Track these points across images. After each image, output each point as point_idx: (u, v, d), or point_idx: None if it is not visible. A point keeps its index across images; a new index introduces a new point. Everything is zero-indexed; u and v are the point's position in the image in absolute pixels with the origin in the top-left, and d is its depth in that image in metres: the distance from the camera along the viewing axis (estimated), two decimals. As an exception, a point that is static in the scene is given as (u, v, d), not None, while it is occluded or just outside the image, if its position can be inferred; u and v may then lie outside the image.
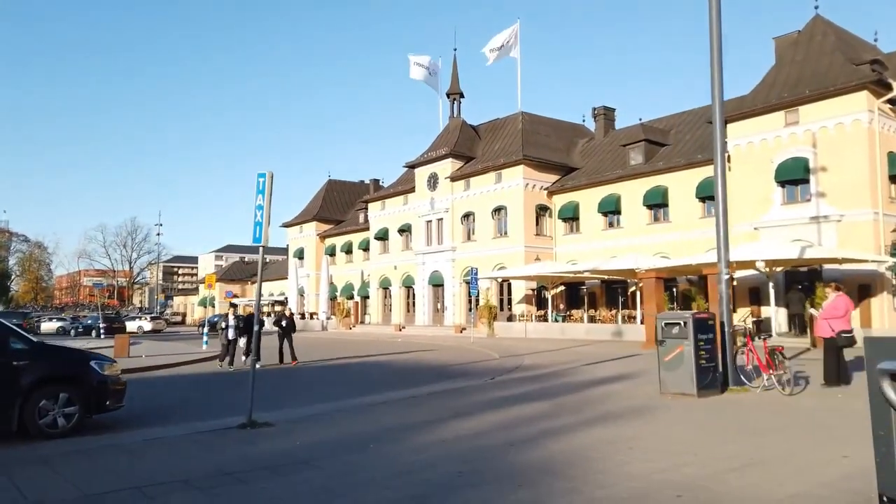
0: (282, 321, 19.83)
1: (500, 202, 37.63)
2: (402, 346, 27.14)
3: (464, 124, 42.96)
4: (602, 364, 16.26)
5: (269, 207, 7.98)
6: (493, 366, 16.78)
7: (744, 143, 27.89)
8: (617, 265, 26.75)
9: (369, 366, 18.88)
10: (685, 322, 9.86)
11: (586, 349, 22.38)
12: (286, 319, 19.76)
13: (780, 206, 26.76)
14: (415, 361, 19.51)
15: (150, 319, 48.34)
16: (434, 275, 41.93)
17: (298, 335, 19.49)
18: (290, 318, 20.08)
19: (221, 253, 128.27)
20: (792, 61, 28.04)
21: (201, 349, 25.15)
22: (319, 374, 16.74)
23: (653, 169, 32.33)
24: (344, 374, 16.30)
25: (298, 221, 59.03)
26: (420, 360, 20.12)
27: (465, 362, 18.51)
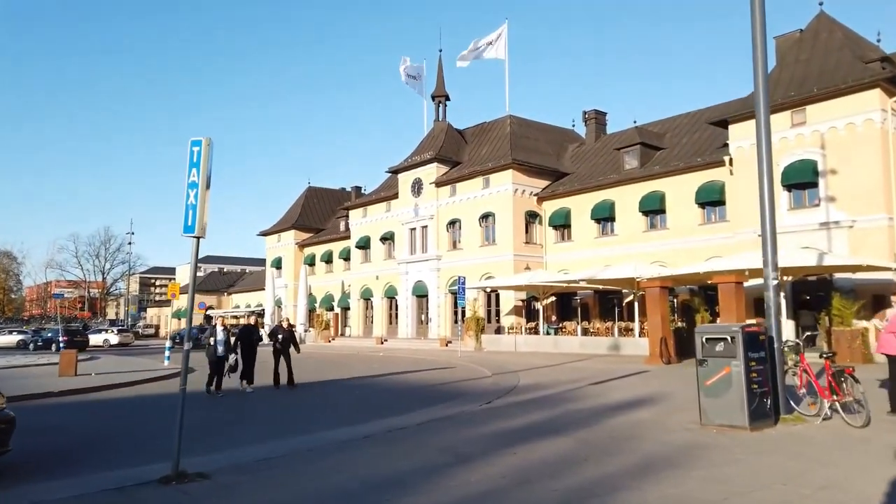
0: (278, 334, 16.48)
1: (487, 208, 35.83)
2: (384, 361, 25.09)
3: (449, 128, 41.21)
4: (610, 384, 14.39)
5: (206, 185, 6.01)
6: (487, 386, 14.84)
7: (747, 144, 26.32)
8: (615, 274, 25.00)
9: (347, 386, 16.84)
10: (733, 337, 8.01)
11: (585, 365, 20.52)
12: (284, 332, 16.47)
13: (786, 211, 25.18)
14: (398, 380, 17.49)
15: (116, 332, 45.68)
16: (418, 285, 39.95)
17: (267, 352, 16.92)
18: (290, 330, 16.79)
19: (200, 264, 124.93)
20: (797, 60, 26.63)
21: (163, 365, 22.96)
22: (287, 397, 14.67)
23: (649, 173, 30.73)
24: (317, 396, 14.26)
25: (276, 230, 56.79)
26: (404, 377, 18.11)
27: (455, 381, 16.55)
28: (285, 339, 16.25)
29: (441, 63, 42.37)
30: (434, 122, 41.87)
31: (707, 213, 29.06)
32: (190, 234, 6.04)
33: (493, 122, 40.44)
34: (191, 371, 20.81)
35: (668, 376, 16.06)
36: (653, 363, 20.03)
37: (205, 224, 6.04)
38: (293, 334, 16.73)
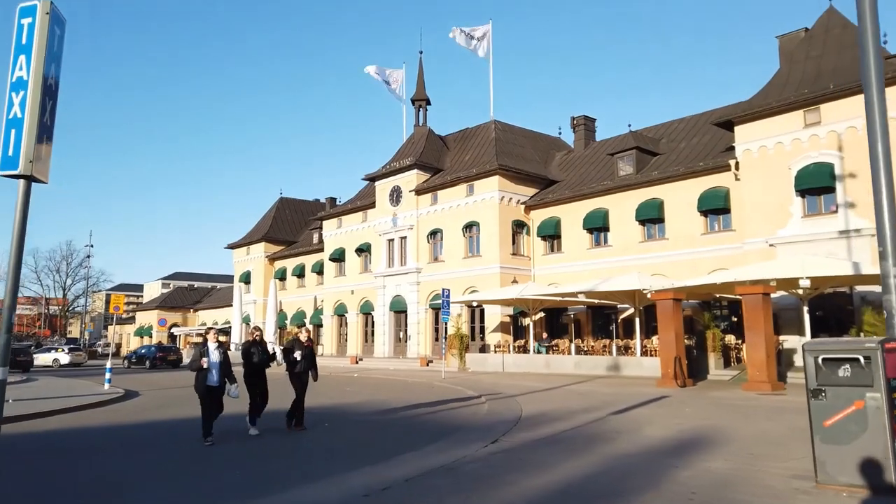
0: (293, 350, 10.97)
1: (471, 218, 33.40)
2: (359, 384, 22.33)
3: (430, 133, 38.84)
4: (634, 414, 11.92)
5: (44, 86, 3.38)
6: (485, 416, 12.23)
7: (755, 147, 24.35)
8: (617, 286, 22.63)
9: (316, 415, 14.08)
10: (868, 357, 5.54)
11: (588, 388, 18.03)
12: (302, 347, 11.03)
13: (799, 218, 23.13)
14: (376, 406, 14.79)
15: (68, 351, 42.06)
16: (396, 300, 37.25)
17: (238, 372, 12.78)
18: (310, 345, 11.36)
19: (169, 280, 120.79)
20: (806, 57, 24.79)
21: (102, 389, 19.94)
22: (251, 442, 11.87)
23: (646, 179, 28.60)
24: (275, 433, 11.44)
25: (245, 242, 53.73)
26: (383, 403, 15.41)
27: (443, 407, 13.92)
28: (306, 358, 11.01)
29: (421, 65, 40.17)
30: (414, 128, 39.51)
31: (710, 221, 26.96)
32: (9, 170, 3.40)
33: (477, 128, 38.19)
34: (132, 395, 17.99)
35: (695, 402, 13.65)
36: (666, 386, 17.61)
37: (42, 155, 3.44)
38: (314, 353, 11.40)
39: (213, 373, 9.78)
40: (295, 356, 10.91)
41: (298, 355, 10.91)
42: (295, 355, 10.91)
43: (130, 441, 10.71)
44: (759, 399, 14.30)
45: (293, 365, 10.97)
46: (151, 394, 19.85)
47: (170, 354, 38.66)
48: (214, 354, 9.88)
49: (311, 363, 11.11)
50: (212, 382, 9.82)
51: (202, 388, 9.76)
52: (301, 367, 11.00)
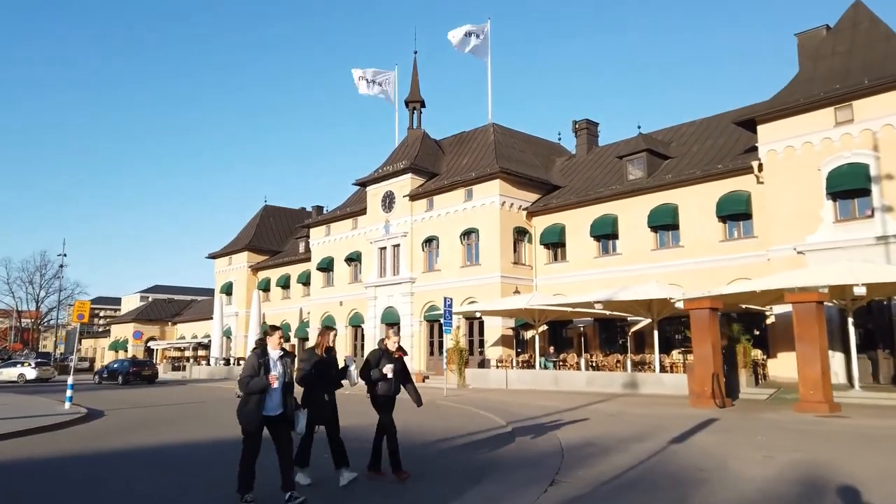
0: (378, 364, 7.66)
1: (470, 224, 31.44)
2: (354, 403, 20.12)
3: (425, 136, 36.95)
4: (696, 441, 10.00)
5: None
6: (519, 445, 10.16)
7: (780, 147, 22.70)
8: (636, 294, 20.74)
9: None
10: None
11: (616, 408, 16.04)
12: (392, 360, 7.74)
13: (831, 223, 21.45)
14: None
15: (34, 366, 39.24)
16: (388, 311, 35.08)
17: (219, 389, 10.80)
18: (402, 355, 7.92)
19: (147, 294, 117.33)
20: (833, 53, 23.27)
21: (63, 408, 17.59)
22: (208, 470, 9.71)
23: (659, 183, 26.85)
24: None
25: (227, 252, 51.30)
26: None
27: (459, 433, 11.86)
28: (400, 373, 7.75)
29: (416, 66, 38.32)
30: (408, 131, 37.56)
31: (729, 227, 25.23)
32: None
33: (474, 131, 36.37)
34: (96, 415, 15.66)
35: (758, 428, 11.71)
36: (703, 406, 15.66)
37: None
38: (406, 366, 8.04)
39: (275, 395, 6.44)
40: (384, 372, 7.51)
41: (388, 370, 7.51)
42: (384, 371, 7.51)
43: (76, 483, 8.46)
44: (826, 423, 12.39)
45: (375, 384, 7.59)
46: (118, 414, 17.54)
47: (144, 369, 36.07)
48: (278, 370, 6.47)
49: (405, 380, 7.82)
50: (271, 410, 6.41)
51: (256, 418, 6.37)
52: (390, 388, 7.59)
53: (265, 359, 6.45)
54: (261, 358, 6.43)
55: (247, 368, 6.37)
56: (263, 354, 6.48)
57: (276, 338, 6.65)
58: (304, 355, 7.47)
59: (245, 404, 6.43)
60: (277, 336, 6.68)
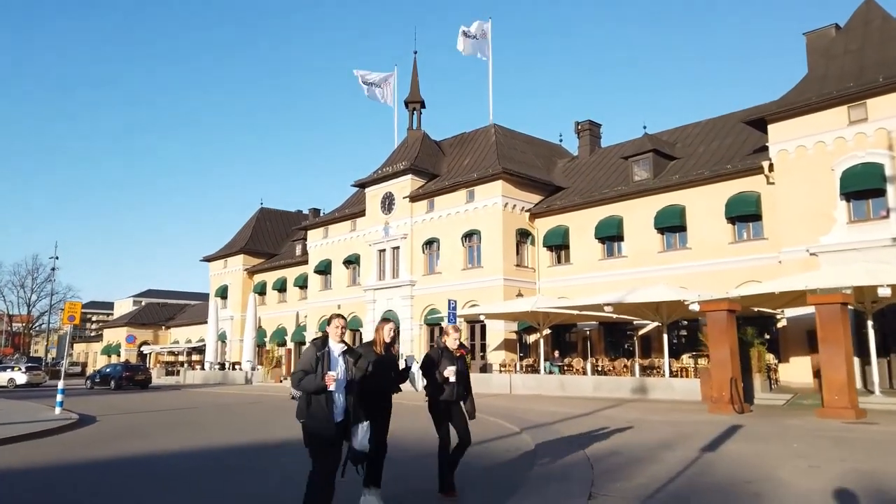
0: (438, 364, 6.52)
1: (472, 226, 30.85)
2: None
3: (425, 137, 36.38)
4: (729, 449, 9.42)
5: None
6: (541, 456, 9.48)
7: (792, 146, 22.22)
8: (646, 297, 20.16)
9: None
10: None
11: (632, 415, 15.43)
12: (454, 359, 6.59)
13: (844, 224, 20.96)
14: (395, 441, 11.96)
15: (25, 371, 38.35)
16: (387, 315, 34.37)
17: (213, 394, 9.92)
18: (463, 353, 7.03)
19: (140, 298, 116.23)
20: (845, 51, 22.84)
21: (53, 413, 16.86)
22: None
23: (666, 184, 26.33)
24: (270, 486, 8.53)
25: (223, 255, 50.54)
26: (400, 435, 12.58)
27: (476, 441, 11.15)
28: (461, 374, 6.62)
29: (416, 66, 37.76)
30: (407, 131, 36.98)
31: (738, 229, 24.73)
32: None
33: (475, 132, 35.82)
34: (87, 421, 14.95)
35: (789, 435, 11.12)
36: (721, 412, 15.06)
37: None
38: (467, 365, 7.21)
39: (339, 399, 5.22)
40: (445, 374, 6.37)
41: (451, 373, 6.38)
42: (446, 373, 6.37)
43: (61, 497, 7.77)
44: (857, 430, 11.81)
45: (439, 389, 6.46)
46: (110, 420, 16.82)
47: (137, 374, 35.25)
48: (340, 367, 5.27)
49: (466, 387, 6.69)
50: (337, 417, 5.20)
51: (325, 427, 5.09)
52: (453, 392, 6.50)
53: (324, 352, 5.18)
54: (320, 350, 5.19)
55: (302, 362, 5.20)
56: (323, 346, 5.24)
57: (336, 327, 5.37)
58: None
59: (307, 406, 5.11)
60: (338, 325, 5.39)
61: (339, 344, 5.37)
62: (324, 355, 5.16)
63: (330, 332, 5.38)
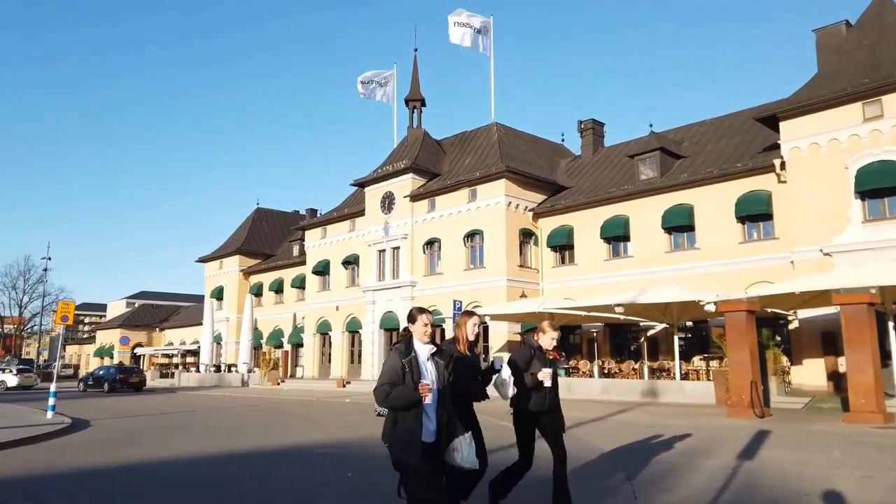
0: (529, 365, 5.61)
1: (474, 225, 30.28)
2: (361, 413, 18.88)
3: (426, 136, 35.81)
4: (767, 457, 8.89)
5: None
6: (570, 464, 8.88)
7: (804, 144, 21.75)
8: (657, 297, 19.63)
9: (329, 458, 10.71)
10: None
11: (649, 419, 14.89)
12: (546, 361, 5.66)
13: (859, 224, 20.49)
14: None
15: (16, 373, 37.53)
16: (387, 316, 33.80)
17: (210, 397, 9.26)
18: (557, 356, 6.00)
19: (134, 300, 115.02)
20: (859, 46, 22.40)
21: (45, 417, 16.17)
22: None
23: (674, 183, 25.82)
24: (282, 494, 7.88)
25: (218, 255, 49.82)
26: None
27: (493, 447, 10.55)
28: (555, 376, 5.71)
29: (416, 64, 37.22)
30: (408, 130, 36.39)
31: (748, 228, 24.23)
32: None
33: (477, 131, 35.27)
34: (81, 426, 14.31)
35: (822, 442, 10.56)
36: (740, 416, 14.52)
37: None
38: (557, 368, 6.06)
39: (430, 414, 4.30)
40: (539, 377, 5.41)
41: (547, 377, 5.41)
42: (540, 375, 5.41)
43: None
44: (891, 434, 11.27)
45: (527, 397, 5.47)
46: (105, 424, 16.13)
47: (132, 376, 34.47)
48: (430, 370, 4.35)
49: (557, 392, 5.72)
50: (427, 436, 4.25)
51: (417, 445, 4.18)
52: (544, 401, 5.53)
53: (411, 358, 4.25)
54: (405, 356, 4.25)
55: (385, 373, 4.26)
56: (408, 351, 4.29)
57: (424, 324, 4.39)
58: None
59: (394, 425, 4.24)
60: (426, 321, 4.40)
61: (426, 346, 4.38)
62: (411, 362, 4.22)
63: (415, 332, 4.40)
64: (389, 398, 4.15)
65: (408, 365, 4.19)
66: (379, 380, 4.27)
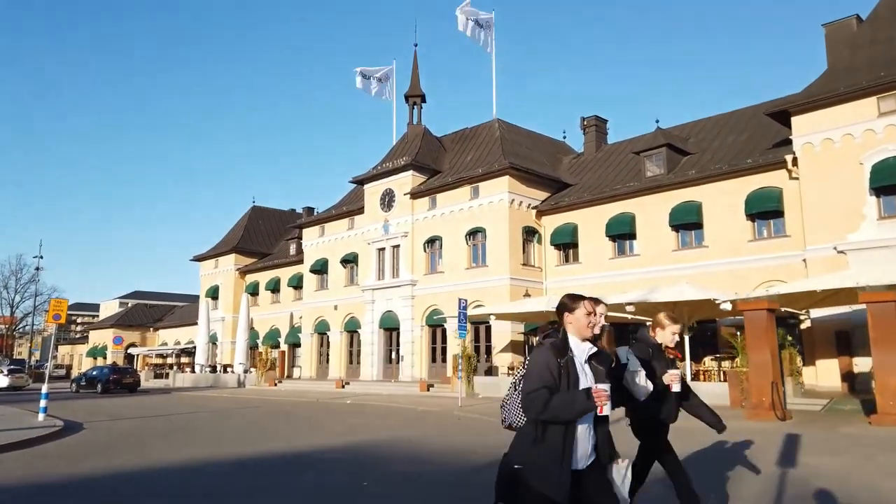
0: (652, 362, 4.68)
1: (476, 223, 29.71)
2: (364, 415, 18.31)
3: (426, 132, 35.23)
4: (817, 465, 8.35)
5: None
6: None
7: (817, 139, 21.29)
8: (670, 296, 19.08)
9: (338, 463, 10.13)
10: None
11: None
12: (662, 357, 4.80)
13: (874, 221, 20.04)
14: (419, 454, 10.86)
15: (7, 373, 36.75)
16: (387, 316, 33.20)
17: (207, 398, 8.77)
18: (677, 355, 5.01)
19: (127, 300, 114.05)
20: (872, 41, 21.96)
21: (37, 420, 15.52)
22: None
23: (682, 180, 25.32)
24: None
25: (213, 254, 49.08)
26: (422, 446, 11.50)
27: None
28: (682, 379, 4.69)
29: (416, 60, 36.63)
30: (408, 126, 35.80)
31: (758, 226, 23.74)
32: None
33: (478, 127, 34.71)
34: (74, 428, 13.70)
35: (855, 443, 10.07)
36: (761, 418, 14.00)
37: None
38: None
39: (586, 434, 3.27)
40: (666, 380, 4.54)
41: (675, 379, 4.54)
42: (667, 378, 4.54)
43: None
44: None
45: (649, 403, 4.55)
46: (99, 427, 15.51)
47: (125, 377, 33.76)
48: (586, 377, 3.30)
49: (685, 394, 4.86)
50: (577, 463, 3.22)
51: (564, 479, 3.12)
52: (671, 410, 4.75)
53: (568, 359, 3.25)
54: (561, 356, 3.24)
55: (536, 374, 3.20)
56: (565, 350, 3.27)
57: (584, 313, 3.34)
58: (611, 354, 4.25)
59: (535, 443, 3.17)
60: (587, 310, 3.35)
61: (584, 343, 3.34)
62: (568, 364, 3.22)
63: (572, 327, 3.35)
64: (549, 406, 3.08)
65: (564, 367, 3.20)
66: (526, 382, 3.22)
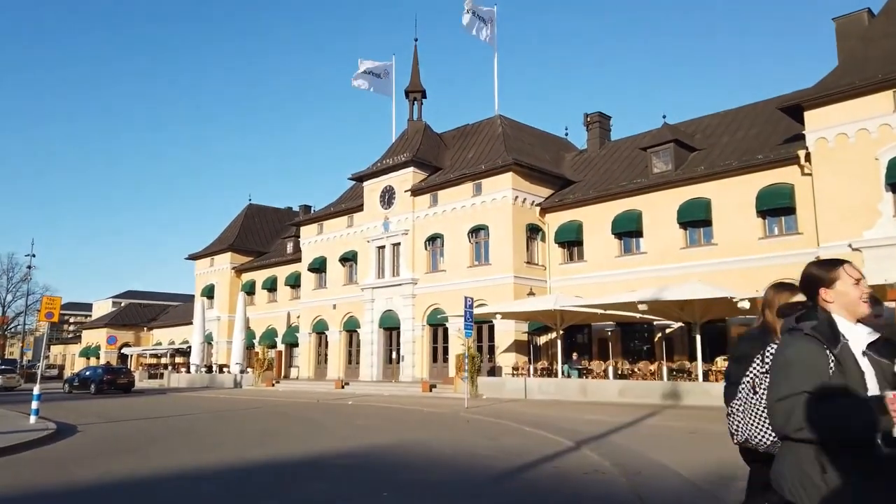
0: None
1: (479, 220, 29.16)
2: (369, 417, 17.71)
3: (427, 128, 34.66)
4: None
5: None
6: (632, 481, 7.82)
7: (831, 134, 20.82)
8: (682, 294, 18.57)
9: (351, 472, 9.54)
10: None
11: (677, 422, 13.89)
12: None
13: (891, 217, 19.60)
14: (432, 459, 10.31)
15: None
16: (386, 315, 32.62)
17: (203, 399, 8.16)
18: None
19: (120, 299, 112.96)
20: (885, 34, 21.53)
21: (28, 423, 14.86)
22: None
23: (691, 176, 24.84)
24: None
25: (209, 252, 48.37)
26: (434, 453, 10.94)
27: (531, 459, 9.48)
28: None
29: (416, 55, 36.07)
30: (408, 122, 35.23)
31: (769, 223, 23.27)
32: None
33: (480, 124, 34.16)
34: (67, 432, 13.01)
35: None
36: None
37: None
38: None
39: None
40: None
41: None
42: None
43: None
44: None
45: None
46: (93, 430, 14.87)
47: (120, 377, 33.05)
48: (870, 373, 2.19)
49: None
50: None
51: None
52: None
53: (841, 348, 2.20)
54: (832, 345, 2.19)
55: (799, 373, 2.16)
56: (836, 337, 2.21)
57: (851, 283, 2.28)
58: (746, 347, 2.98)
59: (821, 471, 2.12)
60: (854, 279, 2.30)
61: (859, 326, 2.28)
62: (842, 356, 2.19)
63: (835, 305, 2.30)
64: (819, 418, 2.10)
65: (839, 358, 2.19)
66: (776, 385, 2.22)
